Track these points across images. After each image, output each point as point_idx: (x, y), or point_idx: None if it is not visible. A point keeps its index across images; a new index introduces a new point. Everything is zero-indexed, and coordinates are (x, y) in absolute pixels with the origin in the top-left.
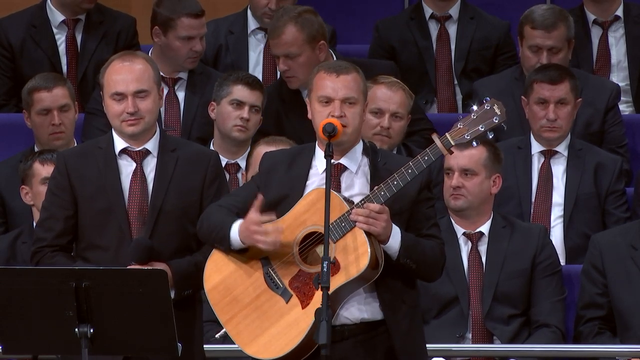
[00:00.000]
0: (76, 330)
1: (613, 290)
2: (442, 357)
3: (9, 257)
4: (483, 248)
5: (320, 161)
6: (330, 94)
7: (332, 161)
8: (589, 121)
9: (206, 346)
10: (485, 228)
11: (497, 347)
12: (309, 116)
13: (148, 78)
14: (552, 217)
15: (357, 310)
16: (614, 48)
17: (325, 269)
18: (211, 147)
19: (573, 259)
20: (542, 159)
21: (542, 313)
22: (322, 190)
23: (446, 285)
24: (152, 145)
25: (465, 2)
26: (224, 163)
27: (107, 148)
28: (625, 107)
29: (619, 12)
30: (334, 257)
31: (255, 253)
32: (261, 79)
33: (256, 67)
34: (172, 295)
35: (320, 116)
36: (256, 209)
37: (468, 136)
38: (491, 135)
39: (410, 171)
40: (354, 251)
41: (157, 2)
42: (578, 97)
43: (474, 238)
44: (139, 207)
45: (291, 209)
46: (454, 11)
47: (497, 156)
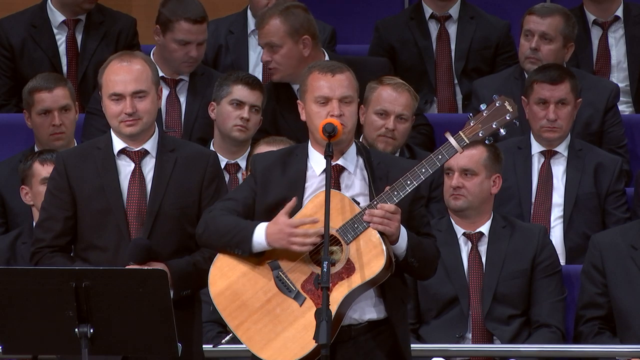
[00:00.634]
0: (76, 330)
1: (613, 290)
2: (442, 357)
3: (9, 257)
4: (483, 248)
5: (316, 162)
6: (327, 94)
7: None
8: (589, 121)
9: (206, 346)
10: (485, 228)
11: (497, 347)
12: (302, 118)
13: (146, 78)
14: (552, 217)
15: (364, 310)
16: (614, 48)
17: (325, 269)
18: (211, 147)
19: (573, 259)
20: (542, 159)
21: (542, 313)
22: (331, 191)
23: (446, 285)
24: (151, 145)
25: (465, 2)
26: (224, 163)
27: (106, 148)
28: (625, 108)
29: (619, 13)
30: (348, 259)
31: (265, 257)
32: (261, 79)
33: (256, 67)
34: (171, 295)
35: (318, 117)
36: (287, 212)
37: (481, 133)
38: (504, 132)
39: (424, 170)
40: (368, 252)
41: (163, 2)
42: (578, 98)
43: (474, 238)
44: (138, 208)
45: (299, 212)
46: (454, 11)
47: (497, 156)
